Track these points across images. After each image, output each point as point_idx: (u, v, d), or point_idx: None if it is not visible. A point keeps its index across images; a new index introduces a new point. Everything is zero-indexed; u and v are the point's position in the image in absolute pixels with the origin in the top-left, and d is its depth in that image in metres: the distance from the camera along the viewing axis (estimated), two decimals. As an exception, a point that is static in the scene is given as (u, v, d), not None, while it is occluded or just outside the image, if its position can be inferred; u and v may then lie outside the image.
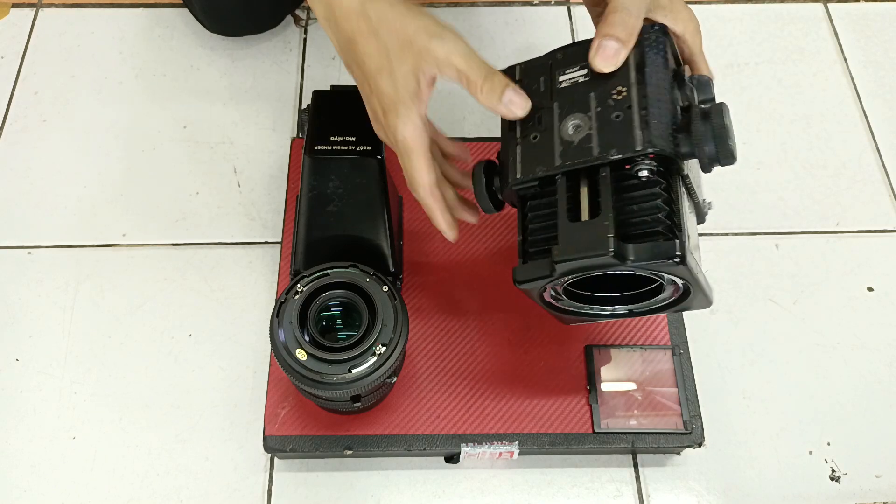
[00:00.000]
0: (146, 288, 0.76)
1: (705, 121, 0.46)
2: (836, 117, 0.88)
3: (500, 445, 0.65)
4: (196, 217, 0.80)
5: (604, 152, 0.46)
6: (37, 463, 0.68)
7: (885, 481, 0.69)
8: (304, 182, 0.65)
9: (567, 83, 0.49)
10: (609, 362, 0.68)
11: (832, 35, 0.95)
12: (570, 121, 0.48)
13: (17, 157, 0.83)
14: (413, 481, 0.68)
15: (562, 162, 0.47)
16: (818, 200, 0.83)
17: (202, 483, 0.68)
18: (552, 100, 0.50)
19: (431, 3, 0.95)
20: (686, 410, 0.66)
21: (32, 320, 0.75)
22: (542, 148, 0.48)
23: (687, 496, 0.68)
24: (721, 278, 0.78)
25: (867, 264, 0.80)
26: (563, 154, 0.48)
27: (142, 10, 0.94)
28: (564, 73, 0.50)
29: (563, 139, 0.48)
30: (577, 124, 0.48)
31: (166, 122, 0.86)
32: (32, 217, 0.80)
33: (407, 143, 0.52)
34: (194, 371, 0.72)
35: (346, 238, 0.64)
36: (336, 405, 0.62)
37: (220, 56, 0.90)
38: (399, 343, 0.57)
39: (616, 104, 0.47)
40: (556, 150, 0.48)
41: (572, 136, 0.48)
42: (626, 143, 0.46)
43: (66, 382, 0.72)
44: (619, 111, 0.47)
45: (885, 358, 0.75)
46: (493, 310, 0.70)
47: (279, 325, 0.57)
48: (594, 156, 0.46)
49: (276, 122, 0.86)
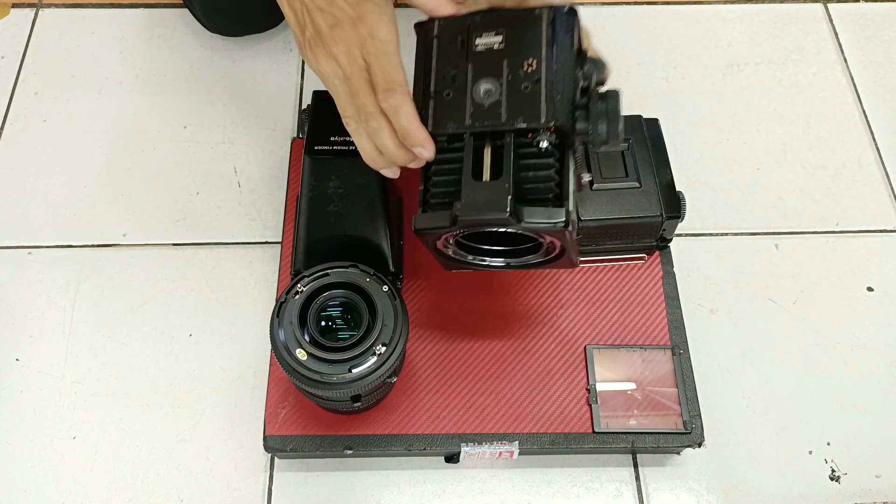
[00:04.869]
0: (146, 288, 0.76)
1: (601, 103, 0.50)
2: (836, 117, 0.88)
3: (500, 445, 0.65)
4: (196, 217, 0.80)
5: (511, 120, 0.50)
6: (37, 463, 0.68)
7: (885, 481, 0.69)
8: (304, 182, 0.65)
9: (482, 47, 0.52)
10: (609, 362, 0.68)
11: (832, 35, 0.95)
12: (483, 84, 0.51)
13: (17, 157, 0.83)
14: (413, 481, 0.68)
15: (471, 123, 0.51)
16: (818, 200, 0.83)
17: (202, 483, 0.68)
18: (467, 61, 0.52)
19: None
20: (686, 410, 0.66)
21: (32, 320, 0.75)
22: (454, 106, 0.51)
23: (687, 496, 0.68)
24: (721, 278, 0.78)
25: (867, 264, 0.80)
26: (473, 115, 0.51)
27: (142, 10, 0.94)
28: (481, 35, 0.52)
29: (474, 101, 0.51)
30: (489, 89, 0.51)
31: (166, 122, 0.86)
32: (32, 217, 0.80)
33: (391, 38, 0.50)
34: (194, 371, 0.72)
35: (346, 238, 0.64)
36: (336, 405, 0.62)
37: (220, 56, 0.90)
38: (399, 343, 0.57)
39: (525, 76, 0.51)
40: (467, 110, 0.51)
41: (483, 99, 0.51)
42: (532, 115, 0.50)
43: (66, 382, 0.72)
44: (528, 83, 0.50)
45: (885, 358, 0.75)
46: (493, 309, 0.70)
47: (279, 325, 0.57)
48: (502, 121, 0.50)
49: (276, 122, 0.86)
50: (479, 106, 0.51)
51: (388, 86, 0.49)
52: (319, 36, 0.51)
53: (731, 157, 0.85)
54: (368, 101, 0.50)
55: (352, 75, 0.50)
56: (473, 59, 0.52)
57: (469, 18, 0.54)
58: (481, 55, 0.52)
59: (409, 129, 0.50)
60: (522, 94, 0.50)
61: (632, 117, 0.72)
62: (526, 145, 0.51)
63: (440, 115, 0.51)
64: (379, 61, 0.49)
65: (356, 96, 0.51)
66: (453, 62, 0.52)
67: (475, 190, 0.49)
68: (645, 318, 0.70)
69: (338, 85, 0.51)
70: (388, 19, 0.50)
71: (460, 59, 0.52)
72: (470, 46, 0.52)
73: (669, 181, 0.69)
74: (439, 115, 0.51)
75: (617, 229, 0.69)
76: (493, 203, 0.49)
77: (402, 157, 0.52)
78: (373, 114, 0.50)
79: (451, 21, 0.54)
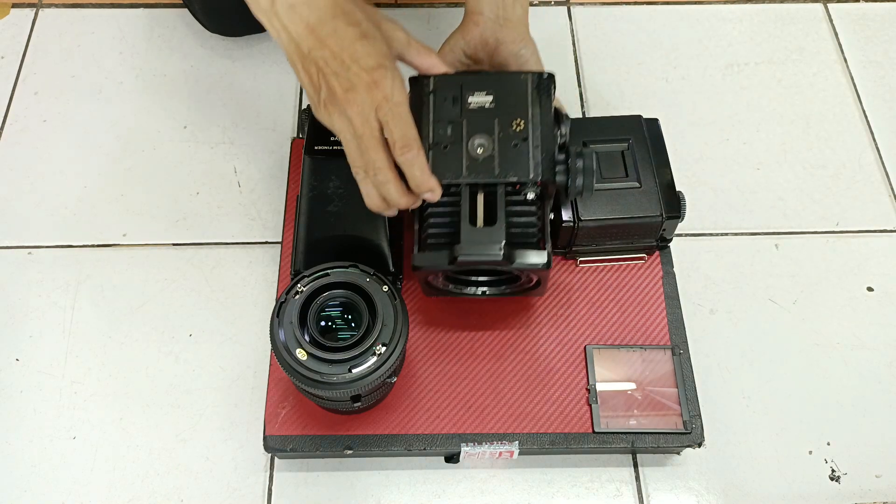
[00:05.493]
0: (146, 288, 0.76)
1: (580, 160, 0.59)
2: (836, 117, 0.88)
3: (500, 445, 0.65)
4: (196, 217, 0.80)
5: (503, 174, 0.57)
6: (37, 463, 0.68)
7: (885, 481, 0.69)
8: (304, 182, 0.65)
9: (475, 105, 0.59)
10: (609, 362, 0.68)
11: (832, 35, 0.95)
12: (477, 139, 0.58)
13: (17, 157, 0.83)
14: (413, 481, 0.68)
15: (468, 174, 0.57)
16: (818, 200, 0.83)
17: (202, 483, 0.68)
18: (461, 117, 0.59)
19: (431, 3, 0.95)
20: (686, 410, 0.66)
21: (32, 320, 0.75)
22: (451, 158, 0.58)
23: (687, 496, 0.68)
24: (721, 278, 0.78)
25: (867, 264, 0.80)
26: (469, 168, 0.57)
27: (142, 10, 0.94)
28: (473, 94, 0.59)
29: (469, 154, 0.58)
30: (482, 143, 0.58)
31: (166, 122, 0.86)
32: (32, 217, 0.80)
33: (404, 100, 0.54)
34: (194, 371, 0.72)
35: (346, 238, 0.64)
36: (336, 405, 0.62)
37: (220, 56, 0.90)
38: (399, 343, 0.57)
39: (515, 134, 0.58)
40: (463, 162, 0.58)
41: (478, 153, 0.58)
42: (522, 170, 0.57)
43: (66, 382, 0.72)
44: (517, 140, 0.58)
45: (885, 358, 0.75)
46: (493, 310, 0.70)
47: (279, 325, 0.57)
48: (495, 175, 0.57)
49: (276, 122, 0.86)
50: (474, 159, 0.58)
51: (406, 142, 0.54)
52: (334, 98, 0.54)
53: (731, 157, 0.85)
54: (378, 157, 0.55)
55: (364, 134, 0.54)
56: (467, 116, 0.59)
57: (461, 78, 0.61)
58: (474, 112, 0.59)
59: (422, 178, 0.55)
60: (513, 150, 0.58)
61: (632, 117, 0.72)
62: (513, 194, 0.58)
63: (439, 165, 0.57)
64: (395, 121, 0.54)
65: (366, 152, 0.55)
66: (449, 117, 0.59)
67: (473, 234, 0.56)
68: (645, 318, 0.70)
69: (350, 140, 0.55)
70: (400, 83, 0.54)
71: (455, 114, 0.59)
72: (463, 104, 0.59)
73: (669, 181, 0.69)
74: (439, 165, 0.57)
75: (617, 229, 0.69)
76: (489, 246, 0.56)
77: (405, 204, 0.57)
78: (381, 168, 0.55)
79: (444, 79, 0.60)
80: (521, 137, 0.58)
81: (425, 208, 0.59)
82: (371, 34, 0.55)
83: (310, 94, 0.56)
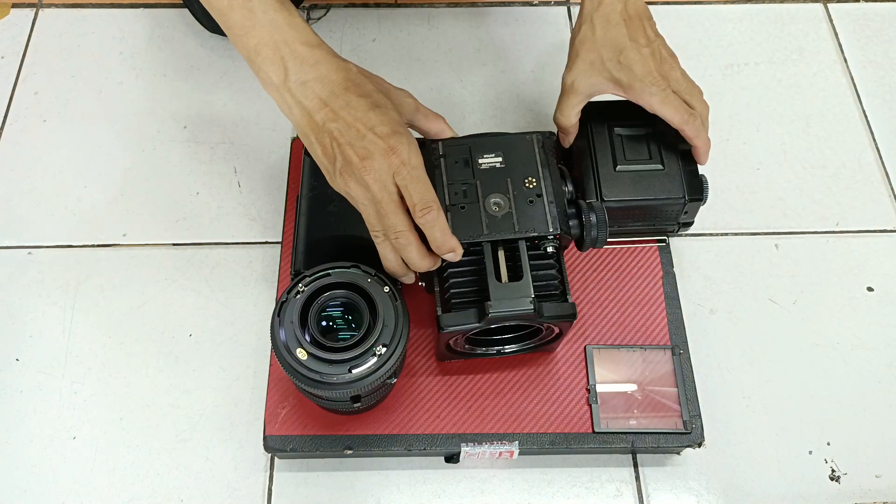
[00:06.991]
0: (146, 288, 0.76)
1: (592, 213, 0.61)
2: (836, 117, 0.88)
3: (500, 445, 0.65)
4: (196, 217, 0.80)
5: (523, 230, 0.59)
6: (37, 463, 0.68)
7: (885, 481, 0.69)
8: (305, 182, 0.65)
9: (486, 166, 0.62)
10: (609, 362, 0.68)
11: (832, 35, 0.95)
12: (492, 198, 0.60)
13: (17, 158, 0.83)
14: (413, 481, 0.68)
15: (488, 233, 0.59)
16: (818, 200, 0.83)
17: (202, 483, 0.68)
18: (475, 178, 0.61)
19: (431, 3, 0.95)
20: (686, 410, 0.66)
21: (32, 320, 0.75)
22: (470, 218, 0.60)
23: (687, 496, 0.68)
24: (721, 278, 0.78)
25: (867, 264, 0.80)
26: (488, 226, 0.59)
27: (142, 10, 0.94)
28: (483, 156, 0.62)
29: (487, 213, 0.60)
30: (498, 202, 0.60)
31: (166, 122, 0.86)
32: (32, 217, 0.80)
33: (420, 163, 0.55)
34: (194, 371, 0.72)
35: (346, 238, 0.64)
36: (336, 405, 0.62)
37: (220, 56, 0.90)
38: (400, 344, 0.57)
39: (528, 191, 0.61)
40: (482, 221, 0.60)
41: (495, 211, 0.60)
42: (540, 225, 0.60)
43: (66, 382, 0.72)
44: (532, 197, 0.61)
45: (885, 358, 0.75)
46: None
47: (280, 325, 0.57)
48: (515, 231, 0.59)
49: (276, 122, 0.86)
50: (492, 217, 0.60)
51: (426, 204, 0.55)
52: (350, 166, 0.55)
53: (731, 157, 0.85)
54: (399, 220, 0.56)
55: (382, 199, 0.55)
56: (480, 176, 0.61)
57: (468, 141, 0.63)
58: (486, 172, 0.61)
59: (444, 239, 0.56)
60: (529, 207, 0.60)
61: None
62: (534, 248, 0.60)
63: (459, 225, 0.59)
64: (414, 184, 0.55)
65: (386, 217, 0.56)
66: (462, 179, 0.61)
67: (502, 290, 0.57)
68: (645, 318, 0.70)
69: (367, 206, 0.56)
70: (416, 148, 0.55)
71: (468, 176, 0.61)
72: (474, 165, 0.62)
73: (692, 164, 0.69)
74: (458, 225, 0.59)
75: (640, 210, 0.69)
76: (519, 301, 0.57)
77: (425, 266, 0.58)
78: (403, 231, 0.56)
79: (452, 142, 0.63)
80: (534, 194, 0.61)
81: (444, 270, 0.60)
82: (382, 103, 0.56)
83: (324, 165, 0.57)
